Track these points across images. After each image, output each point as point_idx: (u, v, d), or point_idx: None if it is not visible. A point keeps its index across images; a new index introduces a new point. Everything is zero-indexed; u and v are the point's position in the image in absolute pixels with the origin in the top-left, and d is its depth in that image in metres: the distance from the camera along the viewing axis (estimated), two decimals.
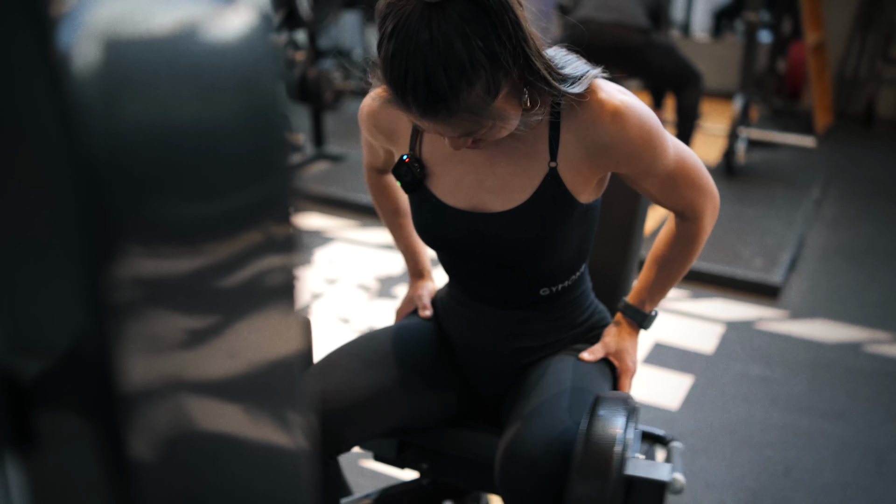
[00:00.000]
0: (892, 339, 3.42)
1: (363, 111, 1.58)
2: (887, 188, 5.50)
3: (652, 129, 1.41)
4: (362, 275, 3.91)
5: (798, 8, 6.70)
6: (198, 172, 0.51)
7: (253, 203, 0.56)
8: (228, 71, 0.53)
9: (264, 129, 0.57)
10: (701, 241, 1.60)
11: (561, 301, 1.62)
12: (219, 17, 0.53)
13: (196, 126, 0.51)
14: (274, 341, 0.60)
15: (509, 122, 1.32)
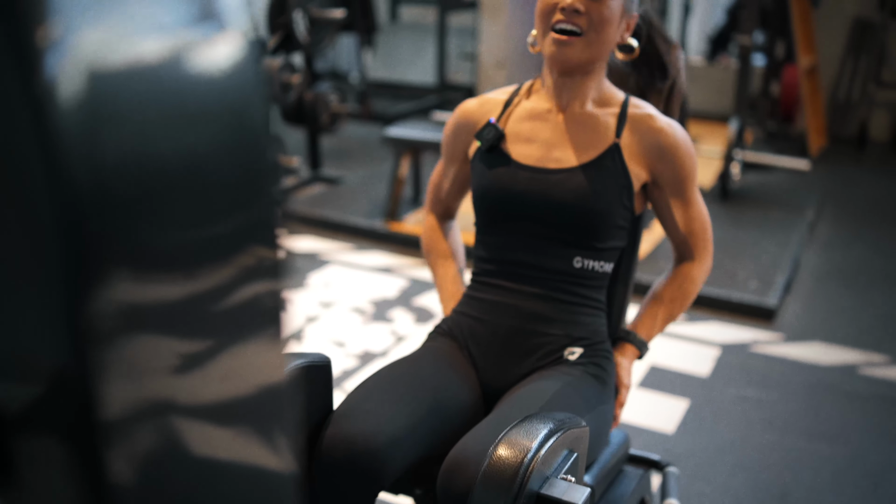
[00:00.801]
0: (888, 362, 3.42)
1: (460, 108, 1.85)
2: (881, 210, 5.51)
3: (692, 149, 1.72)
4: (358, 298, 3.90)
5: (791, 32, 6.74)
6: (184, 199, 0.51)
7: (240, 229, 0.56)
8: (216, 98, 0.54)
9: (252, 156, 0.57)
10: (696, 285, 1.81)
11: (583, 289, 1.72)
12: (206, 44, 0.53)
13: (182, 153, 0.51)
14: (261, 367, 0.60)
15: (613, 18, 1.61)
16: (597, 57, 1.65)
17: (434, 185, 1.97)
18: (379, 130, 6.62)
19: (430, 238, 1.99)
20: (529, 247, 1.69)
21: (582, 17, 1.59)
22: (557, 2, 1.61)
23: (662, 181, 1.71)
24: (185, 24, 0.52)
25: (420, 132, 4.71)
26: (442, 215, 2.00)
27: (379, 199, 5.13)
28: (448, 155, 1.90)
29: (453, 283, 1.92)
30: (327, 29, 5.36)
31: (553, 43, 1.62)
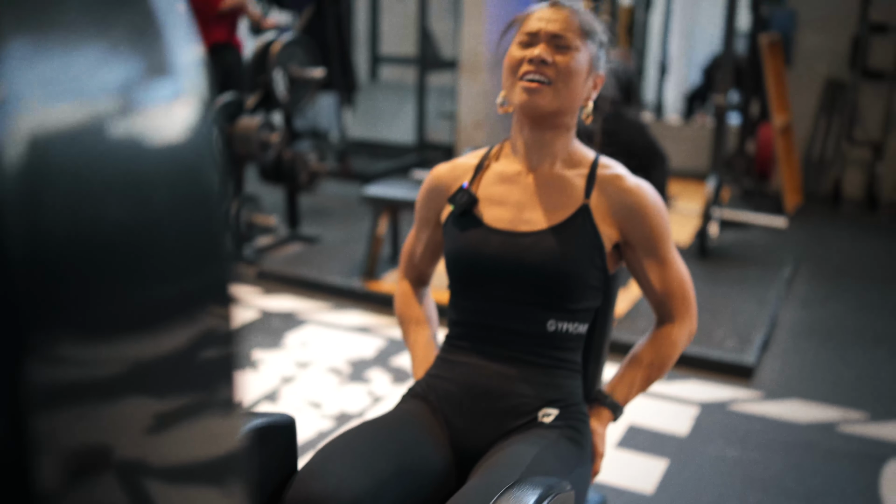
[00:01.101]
0: (866, 419, 3.41)
1: (432, 174, 1.86)
2: (856, 267, 5.54)
3: (664, 209, 1.72)
4: (334, 358, 3.87)
5: (765, 91, 6.84)
6: (131, 265, 0.50)
7: (190, 293, 0.55)
8: (166, 161, 0.53)
9: (203, 220, 0.56)
10: (677, 349, 1.78)
11: (558, 352, 1.70)
12: (156, 106, 0.53)
13: (130, 218, 0.50)
14: (213, 432, 0.59)
15: (580, 71, 1.65)
16: (566, 108, 1.67)
17: (408, 251, 1.97)
18: (358, 189, 6.63)
19: (403, 303, 1.99)
20: (503, 310, 1.69)
21: (550, 68, 1.63)
22: (525, 55, 1.65)
23: (634, 241, 1.71)
24: (134, 85, 0.52)
25: (398, 191, 4.72)
26: (416, 281, 2.00)
27: (357, 259, 5.12)
28: (421, 220, 1.91)
29: (425, 348, 1.91)
30: (307, 88, 5.40)
31: (523, 91, 1.64)
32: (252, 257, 5.12)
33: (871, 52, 7.26)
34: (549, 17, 1.67)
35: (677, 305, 1.76)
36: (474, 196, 1.75)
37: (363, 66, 8.88)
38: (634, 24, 8.00)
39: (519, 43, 1.69)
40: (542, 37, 1.66)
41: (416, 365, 1.89)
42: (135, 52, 0.53)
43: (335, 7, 6.60)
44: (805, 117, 7.69)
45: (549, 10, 1.69)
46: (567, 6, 1.70)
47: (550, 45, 1.65)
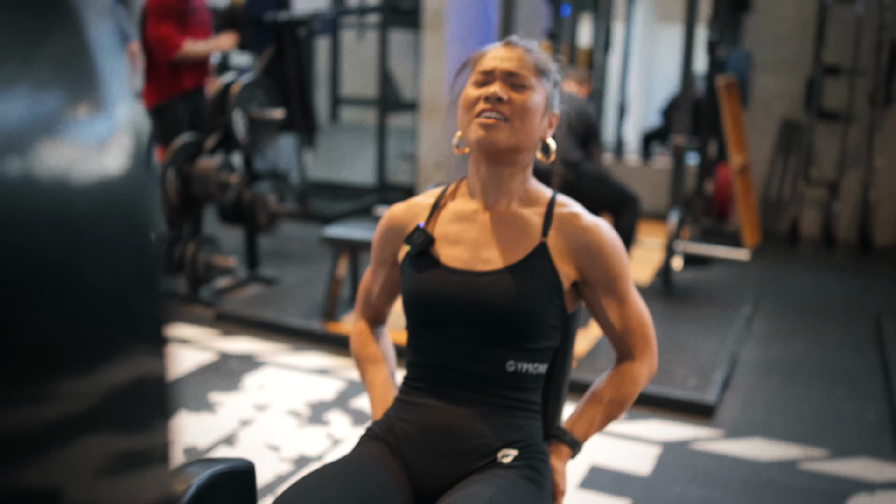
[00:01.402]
0: (828, 456, 3.41)
1: (388, 213, 1.84)
2: (815, 305, 5.59)
3: (621, 247, 1.72)
4: (293, 400, 3.82)
5: (722, 132, 6.92)
6: (59, 304, 0.48)
7: (117, 338, 0.52)
8: (92, 201, 0.50)
9: (131, 261, 0.53)
10: (638, 386, 1.77)
11: (517, 392, 1.68)
12: (89, 140, 0.50)
13: (59, 256, 0.47)
14: (146, 479, 0.56)
15: (536, 109, 1.66)
16: (522, 145, 1.67)
17: (364, 291, 1.96)
18: (318, 230, 6.60)
19: (360, 343, 1.96)
20: (461, 351, 1.67)
21: (506, 105, 1.64)
22: (481, 94, 1.65)
23: (592, 280, 1.71)
24: (61, 119, 0.49)
25: (358, 232, 4.70)
26: (372, 320, 1.98)
27: (316, 300, 5.08)
28: (377, 260, 1.89)
29: (383, 387, 1.88)
30: (267, 129, 5.37)
31: (480, 127, 1.64)
32: (211, 299, 5.05)
33: (825, 93, 7.38)
34: (503, 55, 1.69)
35: (637, 343, 1.76)
36: (430, 236, 1.74)
37: (324, 108, 8.89)
38: (593, 65, 8.08)
39: (474, 82, 1.70)
40: (497, 75, 1.67)
41: (374, 404, 1.86)
42: (62, 85, 0.51)
43: (295, 48, 6.60)
44: (762, 157, 7.79)
45: (503, 49, 1.70)
46: (521, 45, 1.71)
47: (506, 83, 1.66)
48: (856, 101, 7.32)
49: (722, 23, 6.73)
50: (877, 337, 4.92)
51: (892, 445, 3.54)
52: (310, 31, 7.15)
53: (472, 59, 1.75)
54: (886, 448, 3.52)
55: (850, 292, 5.95)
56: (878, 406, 3.94)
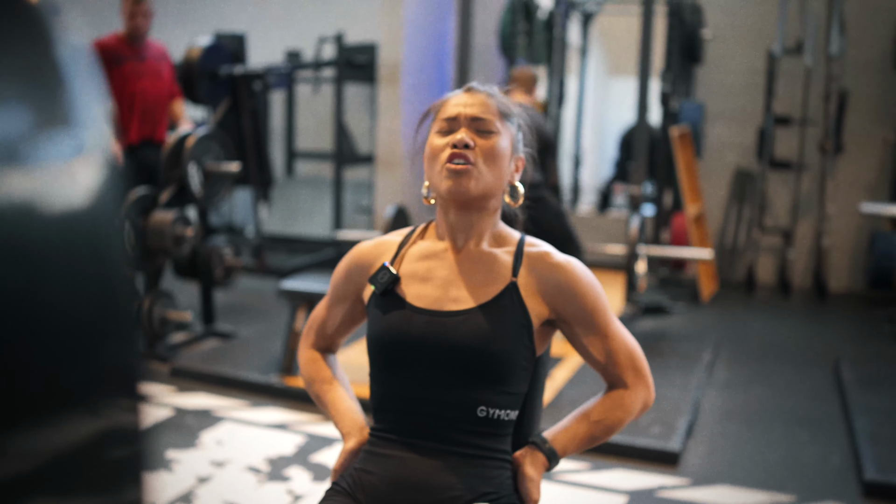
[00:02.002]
0: (794, 501, 3.39)
1: (354, 250, 1.80)
2: (773, 351, 5.61)
3: (596, 282, 1.69)
4: (252, 456, 3.73)
5: (677, 182, 6.99)
6: (22, 344, 0.43)
7: (90, 380, 0.48)
8: (57, 228, 0.46)
9: (106, 296, 0.49)
10: (629, 415, 1.70)
11: (488, 441, 1.63)
12: (55, 166, 0.47)
13: (21, 292, 0.43)
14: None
15: (503, 153, 1.66)
16: (491, 191, 1.66)
17: (318, 323, 1.87)
18: (274, 284, 6.53)
19: (312, 368, 1.86)
20: (430, 396, 1.62)
21: (473, 151, 1.62)
22: (447, 141, 1.63)
23: (569, 318, 1.67)
24: (23, 139, 0.45)
25: (316, 285, 4.65)
26: (323, 349, 1.90)
27: (274, 354, 5.00)
28: (337, 296, 1.83)
29: (345, 402, 1.80)
30: (223, 182, 5.32)
31: (448, 176, 1.62)
32: (166, 354, 4.95)
33: (776, 142, 7.50)
34: (466, 101, 1.68)
35: (627, 375, 1.70)
36: (395, 274, 1.70)
37: (279, 161, 8.86)
38: (548, 118, 8.15)
39: (438, 130, 1.67)
40: (461, 121, 1.65)
41: (340, 420, 1.77)
42: (26, 102, 0.47)
43: (251, 101, 6.58)
44: (717, 207, 7.87)
45: (464, 96, 1.69)
46: (482, 90, 1.70)
47: (471, 128, 1.64)
48: (806, 149, 7.45)
49: (674, 75, 6.84)
50: (836, 381, 4.94)
51: (856, 489, 3.53)
52: (265, 85, 7.14)
53: (435, 107, 1.73)
54: (851, 492, 3.51)
55: (807, 338, 5.99)
56: (840, 450, 3.94)
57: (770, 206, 7.73)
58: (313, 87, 8.04)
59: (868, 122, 7.43)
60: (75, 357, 0.48)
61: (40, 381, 0.46)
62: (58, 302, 0.47)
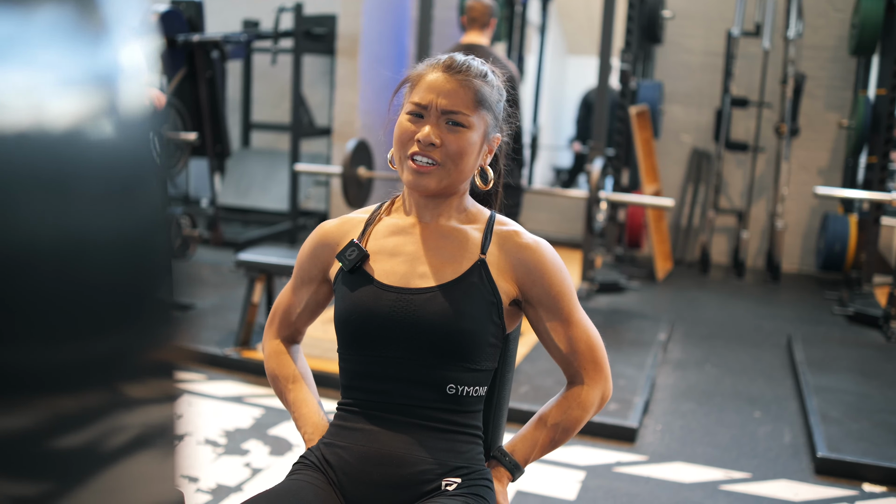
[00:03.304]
0: (747, 479, 3.44)
1: (319, 229, 1.77)
2: (727, 331, 5.68)
3: (563, 267, 1.68)
4: (209, 429, 3.70)
5: (635, 162, 7.02)
6: (53, 303, 0.41)
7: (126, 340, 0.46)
8: (101, 172, 0.44)
9: (143, 245, 0.47)
10: (587, 412, 1.70)
11: (458, 416, 1.63)
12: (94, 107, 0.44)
13: (56, 238, 0.41)
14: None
15: (471, 150, 1.62)
16: (455, 185, 1.65)
17: (282, 309, 1.84)
18: (229, 257, 6.46)
19: (277, 362, 1.84)
20: (398, 373, 1.60)
21: (437, 151, 1.60)
22: (415, 131, 1.60)
23: (534, 299, 1.66)
24: (64, 83, 0.43)
25: (274, 257, 4.61)
26: (288, 339, 1.87)
27: (230, 327, 4.95)
28: (302, 277, 1.79)
29: (308, 404, 1.78)
30: (179, 154, 5.24)
31: (410, 172, 1.61)
32: None
33: (733, 124, 7.57)
34: (441, 87, 1.61)
35: (586, 366, 1.69)
36: (364, 251, 1.67)
37: (235, 133, 8.75)
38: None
39: (409, 112, 1.63)
40: (432, 111, 1.60)
41: (302, 423, 1.76)
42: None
43: (208, 71, 6.48)
44: (673, 186, 7.93)
45: (442, 79, 1.62)
46: (462, 70, 1.63)
47: (441, 120, 1.60)
48: (763, 132, 7.52)
49: (633, 54, 6.85)
50: (788, 361, 5.01)
51: (809, 467, 3.59)
52: (222, 54, 7.03)
53: (412, 78, 1.67)
54: (804, 470, 3.56)
55: (759, 318, 6.06)
56: (792, 429, 4.00)
57: (725, 186, 7.80)
58: (271, 57, 7.94)
59: (823, 107, 7.52)
60: (108, 311, 0.46)
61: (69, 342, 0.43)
62: (94, 252, 0.44)
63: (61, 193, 0.40)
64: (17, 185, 0.37)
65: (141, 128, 0.46)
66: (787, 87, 6.99)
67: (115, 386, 0.46)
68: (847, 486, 3.44)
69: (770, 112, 7.54)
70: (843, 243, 6.68)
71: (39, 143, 0.39)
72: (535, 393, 4.09)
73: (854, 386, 4.50)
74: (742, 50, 7.52)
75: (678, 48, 7.85)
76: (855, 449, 3.65)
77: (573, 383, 1.71)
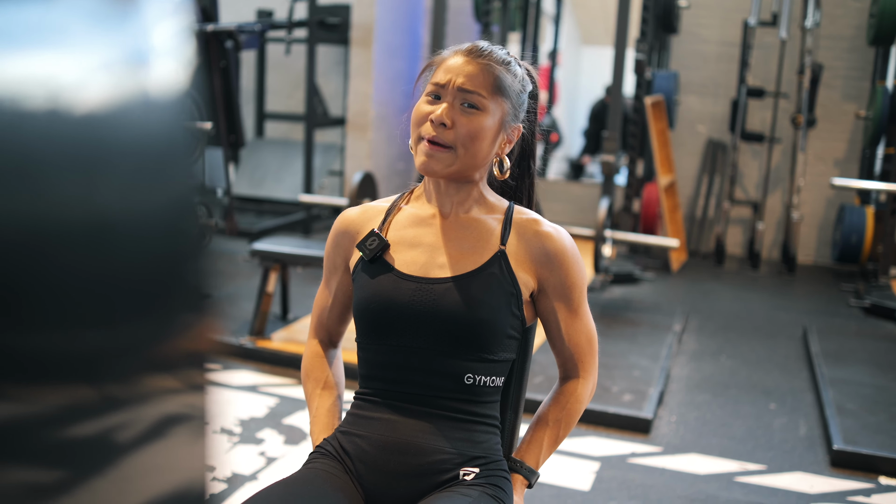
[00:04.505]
0: (762, 471, 3.43)
1: (341, 217, 1.77)
2: (741, 322, 5.65)
3: (580, 258, 1.68)
4: (224, 419, 3.70)
5: (650, 152, 6.99)
6: (80, 287, 0.40)
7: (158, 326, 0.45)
8: (132, 150, 0.43)
9: (174, 229, 0.46)
10: (582, 404, 1.73)
11: (476, 406, 1.62)
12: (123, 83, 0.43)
13: (86, 218, 0.40)
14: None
15: (484, 135, 1.58)
16: (465, 172, 1.62)
17: (318, 307, 1.84)
18: (243, 246, 6.47)
19: (310, 364, 1.84)
20: (417, 363, 1.59)
21: (450, 132, 1.57)
22: (430, 112, 1.59)
23: (549, 288, 1.65)
24: (94, 64, 0.42)
25: (288, 247, 4.61)
26: (326, 341, 1.86)
27: (244, 317, 4.96)
28: (329, 268, 1.79)
29: (328, 415, 1.77)
30: (195, 142, 5.24)
31: (422, 153, 1.59)
32: None
33: (749, 115, 7.53)
34: (461, 68, 1.59)
35: (584, 359, 1.72)
36: (384, 240, 1.66)
37: (249, 123, 8.75)
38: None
39: (427, 93, 1.62)
40: (449, 90, 1.59)
41: (315, 430, 1.75)
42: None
43: (222, 61, 6.48)
44: (688, 177, 7.90)
45: (462, 61, 1.60)
46: (484, 55, 1.61)
47: (457, 100, 1.58)
48: (779, 123, 7.48)
49: (649, 44, 6.81)
50: (804, 353, 4.99)
51: (824, 460, 3.57)
52: (236, 44, 7.03)
53: (435, 62, 1.65)
54: (819, 462, 3.55)
55: (775, 309, 6.04)
56: (808, 421, 3.98)
57: (741, 177, 7.77)
58: (285, 47, 7.94)
59: (840, 97, 7.48)
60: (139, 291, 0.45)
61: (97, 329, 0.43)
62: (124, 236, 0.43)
63: (90, 176, 0.39)
64: (44, 167, 0.36)
65: (172, 110, 0.45)
66: (803, 78, 6.94)
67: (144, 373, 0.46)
68: (863, 479, 3.43)
69: (786, 102, 7.50)
70: (860, 235, 6.64)
71: (67, 124, 0.38)
72: (549, 383, 4.08)
73: (870, 378, 4.48)
74: (758, 40, 7.48)
75: (694, 38, 7.81)
76: (871, 441, 3.64)
77: (568, 377, 1.73)
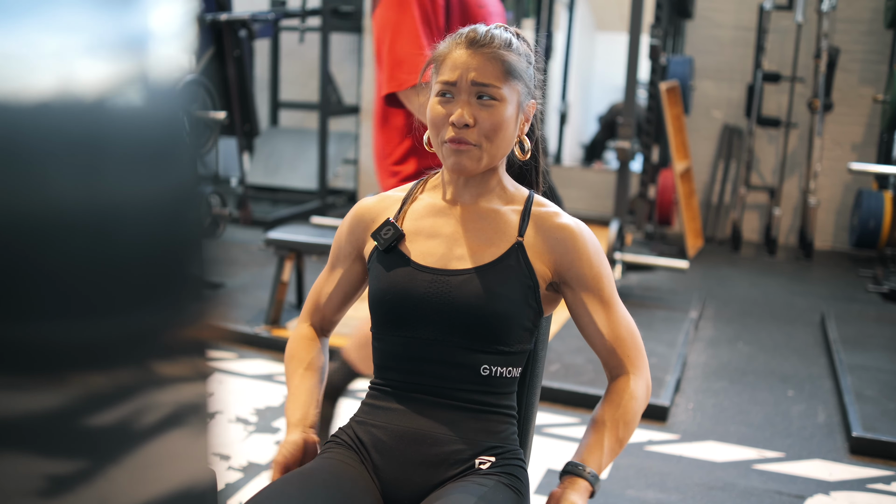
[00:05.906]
0: (780, 458, 3.41)
1: (357, 206, 1.75)
2: (758, 308, 5.63)
3: (601, 249, 1.64)
4: (241, 407, 3.71)
5: (666, 138, 6.95)
6: (82, 274, 0.40)
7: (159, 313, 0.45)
8: (132, 138, 0.42)
9: (175, 214, 0.45)
10: (638, 401, 1.61)
11: (492, 397, 1.61)
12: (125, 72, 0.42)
13: (87, 207, 0.39)
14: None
15: (506, 125, 1.57)
16: (495, 161, 1.62)
17: (315, 293, 1.81)
18: (259, 235, 6.48)
19: (297, 345, 1.79)
20: (433, 354, 1.58)
21: (473, 130, 1.56)
22: (448, 113, 1.57)
23: (572, 281, 1.61)
24: (95, 48, 0.41)
25: (303, 236, 4.61)
26: (318, 327, 1.83)
27: (260, 306, 4.97)
28: (337, 256, 1.77)
29: (308, 395, 1.71)
30: (208, 133, 5.25)
31: (451, 153, 1.58)
32: None
33: (764, 100, 7.47)
34: (467, 63, 1.56)
35: (630, 353, 1.62)
36: (400, 230, 1.65)
37: (263, 111, 8.75)
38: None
39: (439, 93, 1.59)
40: (462, 87, 1.56)
41: (293, 409, 1.69)
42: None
43: (236, 49, 6.48)
44: (704, 163, 7.86)
45: (466, 54, 1.57)
46: (487, 43, 1.58)
47: (472, 95, 1.56)
48: (795, 107, 7.42)
49: (664, 30, 6.77)
50: (822, 339, 4.96)
51: (843, 447, 3.55)
52: (250, 33, 7.02)
53: (437, 58, 1.63)
54: (838, 449, 3.53)
55: (792, 295, 6.01)
56: (826, 408, 3.96)
57: (757, 163, 7.72)
58: (299, 36, 7.92)
59: (857, 81, 7.41)
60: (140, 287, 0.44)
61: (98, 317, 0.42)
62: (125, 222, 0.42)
63: (90, 161, 0.39)
64: (44, 152, 0.35)
65: (172, 95, 0.44)
66: (820, 62, 6.89)
67: (147, 363, 0.45)
68: (882, 467, 3.40)
69: (803, 87, 7.44)
70: (878, 220, 6.58)
71: (68, 108, 0.37)
72: (565, 371, 4.07)
73: (889, 364, 4.45)
74: (774, 24, 7.42)
75: (709, 23, 7.75)
76: (891, 428, 3.61)
77: (617, 376, 1.64)
